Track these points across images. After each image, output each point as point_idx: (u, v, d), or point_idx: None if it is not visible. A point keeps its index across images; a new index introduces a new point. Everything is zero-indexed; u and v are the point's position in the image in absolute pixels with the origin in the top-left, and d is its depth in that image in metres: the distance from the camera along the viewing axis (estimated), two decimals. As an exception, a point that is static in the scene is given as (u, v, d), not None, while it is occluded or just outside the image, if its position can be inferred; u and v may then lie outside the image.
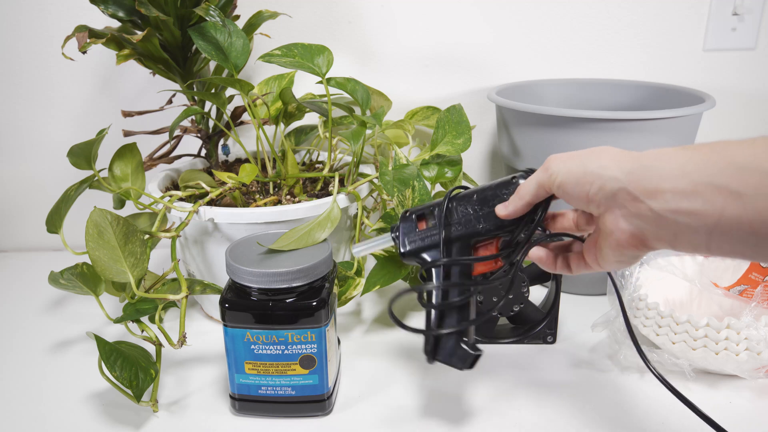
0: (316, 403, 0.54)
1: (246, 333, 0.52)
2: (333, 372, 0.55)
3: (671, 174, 0.33)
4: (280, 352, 0.52)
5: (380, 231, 0.67)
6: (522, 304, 0.64)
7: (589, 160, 0.39)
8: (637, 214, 0.36)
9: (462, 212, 0.50)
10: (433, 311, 0.50)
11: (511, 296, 0.63)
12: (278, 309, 0.51)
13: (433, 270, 0.50)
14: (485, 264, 0.50)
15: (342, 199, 0.66)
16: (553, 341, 0.65)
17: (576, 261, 0.46)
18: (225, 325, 0.52)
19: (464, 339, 0.48)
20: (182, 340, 0.55)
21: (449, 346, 0.48)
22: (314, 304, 0.51)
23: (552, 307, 0.65)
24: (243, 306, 0.52)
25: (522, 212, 0.45)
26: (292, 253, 0.54)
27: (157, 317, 0.58)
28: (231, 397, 0.55)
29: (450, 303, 0.49)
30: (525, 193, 0.44)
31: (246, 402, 0.55)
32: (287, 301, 0.51)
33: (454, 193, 0.51)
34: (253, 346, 0.52)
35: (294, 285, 0.51)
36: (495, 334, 0.66)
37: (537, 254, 0.48)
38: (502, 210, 0.46)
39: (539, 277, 0.66)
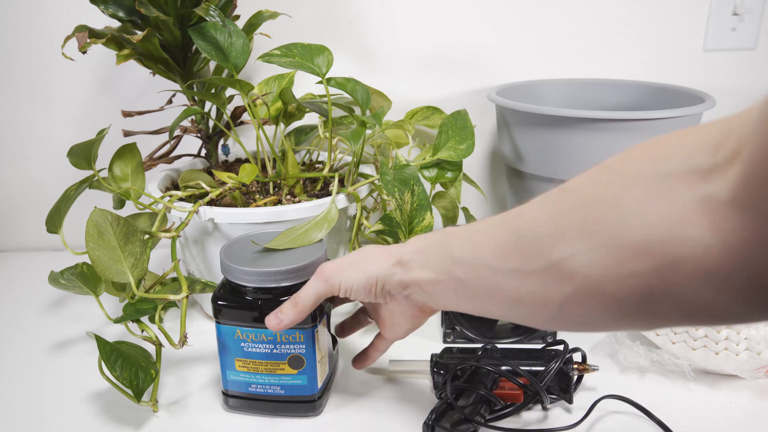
0: (306, 403, 0.54)
1: (236, 330, 0.52)
2: (323, 373, 0.55)
3: (423, 266, 0.44)
4: (269, 351, 0.53)
5: (378, 233, 0.66)
6: None
7: (366, 266, 0.48)
8: (415, 294, 0.46)
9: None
10: None
11: None
12: (268, 308, 0.51)
13: None
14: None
15: (341, 200, 0.66)
16: (553, 341, 0.65)
17: (380, 342, 0.56)
18: (217, 322, 0.53)
19: None
20: (183, 340, 0.55)
21: None
22: None
23: None
24: (234, 304, 0.52)
25: (298, 322, 0.50)
26: (287, 253, 0.54)
27: (157, 317, 0.58)
28: (223, 393, 0.56)
29: None
30: (305, 305, 0.50)
31: (237, 399, 0.55)
32: (279, 300, 0.51)
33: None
34: (243, 344, 0.53)
35: (284, 285, 0.51)
36: (495, 334, 0.66)
37: (364, 362, 0.58)
38: (274, 321, 0.50)
39: None
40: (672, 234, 0.29)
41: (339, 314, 0.67)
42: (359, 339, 0.68)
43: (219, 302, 0.52)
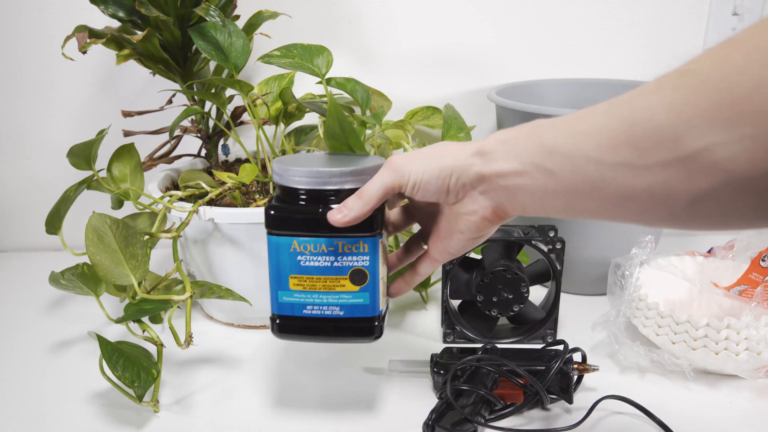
0: (365, 326, 0.49)
1: (293, 242, 0.47)
2: (384, 294, 0.50)
3: (507, 156, 0.40)
4: (330, 265, 0.47)
5: None
6: (522, 304, 0.64)
7: (442, 157, 0.43)
8: (493, 191, 0.42)
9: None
10: None
11: (510, 296, 0.63)
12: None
13: None
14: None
15: None
16: (554, 341, 0.65)
17: (424, 263, 0.50)
18: (270, 234, 0.47)
19: None
20: (189, 340, 0.55)
21: None
22: None
23: (552, 307, 0.65)
24: (290, 210, 0.47)
25: (363, 218, 0.45)
26: (344, 160, 0.50)
27: (168, 318, 0.58)
28: (271, 319, 0.50)
29: None
30: (371, 197, 0.45)
31: (288, 324, 0.49)
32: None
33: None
34: (299, 257, 0.47)
35: (347, 187, 0.46)
36: (495, 334, 0.66)
37: (398, 289, 0.52)
38: (337, 215, 0.45)
39: (539, 277, 0.66)
40: None
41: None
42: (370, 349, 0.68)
43: (272, 211, 0.47)
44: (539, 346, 0.60)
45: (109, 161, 0.70)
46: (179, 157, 0.79)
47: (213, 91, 0.75)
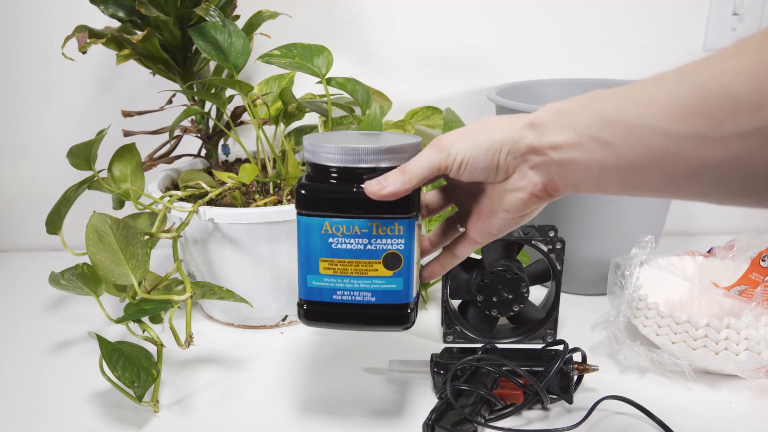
0: (398, 313, 0.47)
1: (324, 223, 0.44)
2: (418, 280, 0.48)
3: (562, 127, 0.37)
4: (362, 248, 0.45)
5: None
6: (522, 304, 0.64)
7: (492, 130, 0.41)
8: (545, 165, 0.39)
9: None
10: None
11: (510, 296, 0.63)
12: (363, 193, 0.43)
13: None
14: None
15: None
16: (554, 341, 0.65)
17: (462, 245, 0.47)
18: (300, 214, 0.45)
19: None
20: (189, 340, 0.55)
21: None
22: None
23: (552, 307, 0.65)
24: (322, 189, 0.44)
25: (403, 195, 0.43)
26: (379, 139, 0.47)
27: (168, 318, 0.58)
28: (299, 305, 0.48)
29: None
30: (414, 175, 0.42)
31: (317, 309, 0.47)
32: None
33: None
34: (331, 239, 0.45)
35: (383, 165, 0.44)
36: (495, 334, 0.66)
37: (432, 272, 0.50)
38: (376, 186, 0.42)
39: (539, 277, 0.66)
40: None
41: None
42: (370, 349, 0.68)
43: (303, 190, 0.44)
44: (539, 346, 0.60)
45: (110, 161, 0.70)
46: (179, 157, 0.79)
47: (213, 91, 0.75)
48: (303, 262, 0.46)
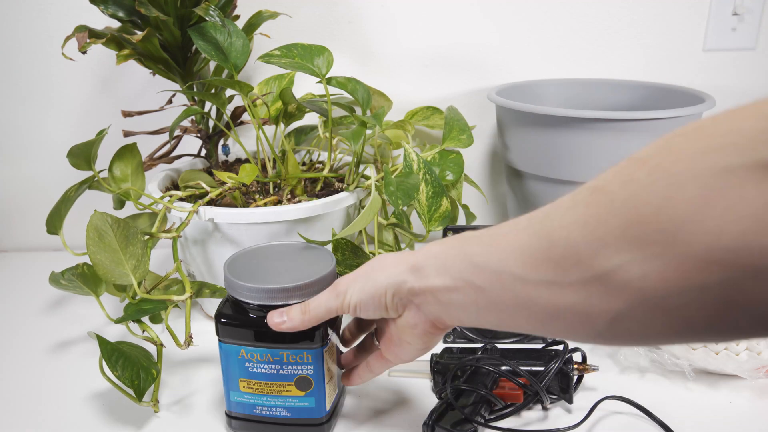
0: (314, 426, 0.52)
1: (240, 350, 0.50)
2: (332, 395, 0.52)
3: (438, 272, 0.40)
4: (275, 372, 0.50)
5: (392, 226, 0.67)
6: None
7: (376, 275, 0.44)
8: (428, 305, 0.42)
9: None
10: None
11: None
12: None
13: None
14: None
15: (351, 197, 0.67)
16: (554, 341, 0.65)
17: (377, 361, 0.51)
18: (220, 341, 0.50)
19: None
20: (189, 340, 0.55)
21: None
22: None
23: None
24: (238, 322, 0.50)
25: (303, 329, 0.47)
26: (295, 267, 0.51)
27: (166, 318, 0.58)
28: (227, 414, 0.53)
29: None
30: (313, 317, 0.47)
31: (241, 421, 0.53)
32: None
33: None
34: (247, 364, 0.50)
35: (291, 302, 0.48)
36: (494, 334, 0.66)
37: (355, 379, 0.53)
38: (277, 319, 0.47)
39: None
40: (747, 243, 0.25)
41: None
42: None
43: (222, 320, 0.50)
44: (539, 346, 0.60)
45: (110, 161, 0.70)
46: (179, 157, 0.79)
47: (213, 91, 0.75)
48: (226, 380, 0.52)
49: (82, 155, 0.64)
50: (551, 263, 0.32)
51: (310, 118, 0.85)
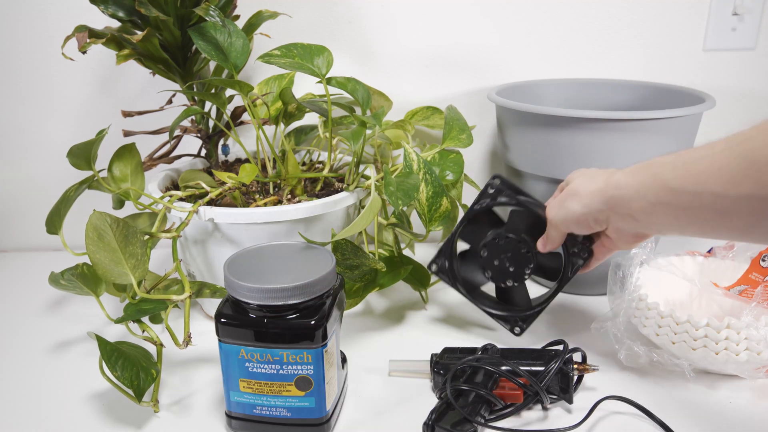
0: (314, 426, 0.52)
1: (240, 350, 0.50)
2: (332, 394, 0.52)
3: (634, 197, 0.47)
4: (275, 372, 0.50)
5: (392, 226, 0.67)
6: (516, 283, 0.63)
7: (574, 204, 0.53)
8: (627, 223, 0.50)
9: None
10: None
11: (511, 269, 0.63)
12: (274, 327, 0.49)
13: None
14: None
15: (351, 197, 0.67)
16: (519, 335, 0.65)
17: (601, 250, 0.60)
18: (219, 341, 0.50)
19: None
20: (187, 340, 0.55)
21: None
22: (312, 323, 0.49)
23: (541, 304, 0.64)
24: (238, 322, 0.50)
25: (556, 247, 0.59)
26: (294, 267, 0.51)
27: (165, 318, 0.58)
28: (227, 414, 0.53)
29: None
30: (556, 242, 0.58)
31: (241, 421, 0.53)
32: (285, 318, 0.49)
33: None
34: (247, 364, 0.50)
35: (290, 302, 0.48)
36: (473, 294, 0.66)
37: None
38: (540, 245, 0.60)
39: (546, 271, 0.64)
40: None
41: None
42: (367, 351, 0.68)
43: (222, 320, 0.50)
44: (539, 346, 0.60)
45: (110, 161, 0.70)
46: (179, 157, 0.79)
47: (213, 91, 0.75)
48: (226, 380, 0.52)
49: (82, 155, 0.64)
50: (752, 180, 0.38)
51: (310, 118, 0.85)
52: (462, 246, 0.68)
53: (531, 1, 0.86)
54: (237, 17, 0.78)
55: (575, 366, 0.55)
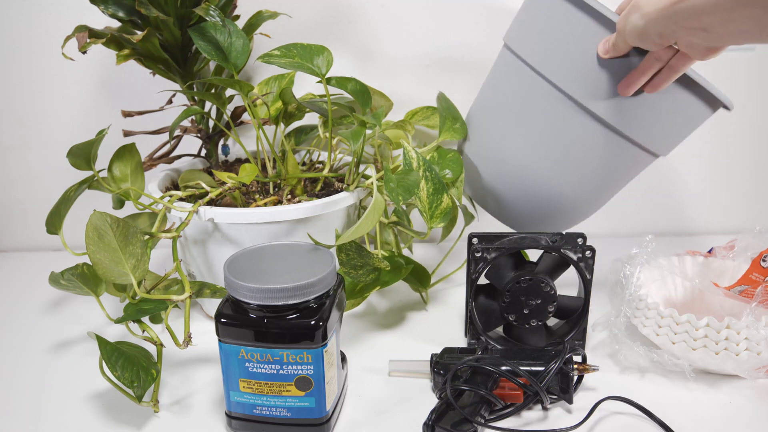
0: (314, 426, 0.52)
1: (240, 350, 0.50)
2: (332, 394, 0.52)
3: (705, 8, 0.45)
4: (275, 372, 0.50)
5: (393, 224, 0.67)
6: (554, 301, 0.62)
7: (635, 19, 0.52)
8: (697, 37, 0.48)
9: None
10: None
11: (539, 301, 0.62)
12: (274, 327, 0.49)
13: None
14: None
15: (351, 197, 0.67)
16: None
17: (678, 61, 0.56)
18: (219, 341, 0.51)
19: None
20: (188, 340, 0.55)
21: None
22: (312, 323, 0.49)
23: (580, 316, 0.63)
24: (238, 322, 0.50)
25: (619, 54, 0.57)
26: (294, 267, 0.51)
27: (166, 318, 0.58)
28: (227, 414, 0.53)
29: None
30: (625, 49, 0.56)
31: (241, 421, 0.53)
32: (285, 318, 0.49)
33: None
34: (247, 364, 0.50)
35: (291, 302, 0.49)
36: (522, 340, 0.65)
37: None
38: (602, 48, 0.58)
39: (556, 268, 0.64)
40: None
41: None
42: (367, 351, 0.68)
43: (222, 320, 0.50)
44: (539, 347, 0.60)
45: (110, 161, 0.70)
46: (179, 157, 0.79)
47: (213, 91, 0.75)
48: (226, 380, 0.52)
49: (81, 155, 0.64)
50: None
51: (310, 118, 0.85)
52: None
53: (531, 1, 0.86)
54: (237, 17, 0.78)
55: (575, 366, 0.55)
